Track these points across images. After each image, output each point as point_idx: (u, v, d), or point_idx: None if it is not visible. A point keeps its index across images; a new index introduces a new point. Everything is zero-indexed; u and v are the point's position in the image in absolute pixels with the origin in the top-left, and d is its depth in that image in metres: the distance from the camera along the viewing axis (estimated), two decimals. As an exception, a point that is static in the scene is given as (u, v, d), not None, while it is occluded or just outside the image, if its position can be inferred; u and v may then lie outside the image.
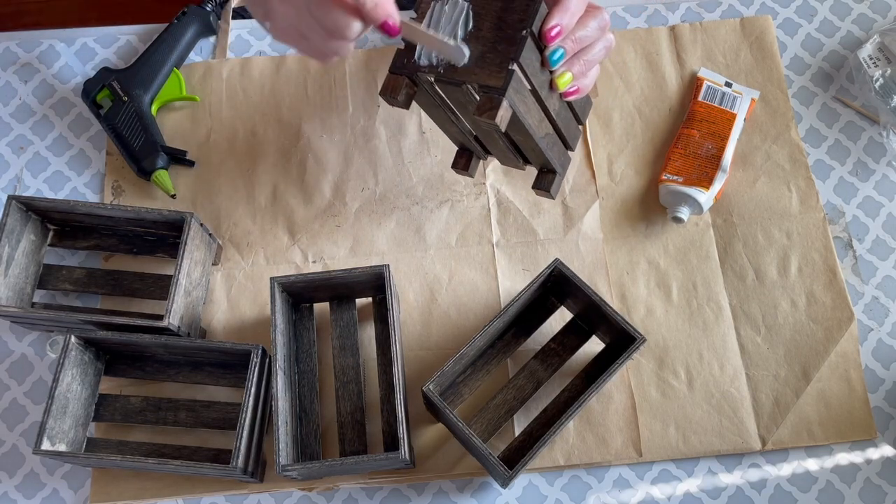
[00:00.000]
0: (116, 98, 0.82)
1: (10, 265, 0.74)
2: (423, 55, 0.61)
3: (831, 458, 0.73)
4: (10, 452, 0.74)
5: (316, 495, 0.73)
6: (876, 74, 0.83)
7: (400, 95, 0.61)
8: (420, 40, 0.60)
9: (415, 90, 0.63)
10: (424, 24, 0.60)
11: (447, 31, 0.60)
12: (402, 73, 0.61)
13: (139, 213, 0.73)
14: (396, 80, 0.62)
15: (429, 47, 0.60)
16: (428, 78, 0.61)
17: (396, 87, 0.61)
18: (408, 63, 0.61)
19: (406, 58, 0.61)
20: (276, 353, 0.68)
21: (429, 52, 0.60)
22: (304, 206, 0.82)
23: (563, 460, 0.73)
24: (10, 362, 0.77)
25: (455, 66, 0.59)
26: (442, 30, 0.60)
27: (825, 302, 0.77)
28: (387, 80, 0.62)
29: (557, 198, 0.81)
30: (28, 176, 0.84)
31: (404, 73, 0.61)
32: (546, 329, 0.75)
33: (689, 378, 0.75)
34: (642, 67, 0.86)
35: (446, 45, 0.58)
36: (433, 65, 0.60)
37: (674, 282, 0.78)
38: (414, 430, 0.74)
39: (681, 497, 0.73)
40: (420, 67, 0.61)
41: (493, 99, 0.58)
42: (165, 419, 0.73)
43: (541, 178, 0.72)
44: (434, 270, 0.79)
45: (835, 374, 0.75)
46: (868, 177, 0.83)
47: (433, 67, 0.60)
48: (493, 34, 0.59)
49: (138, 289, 0.77)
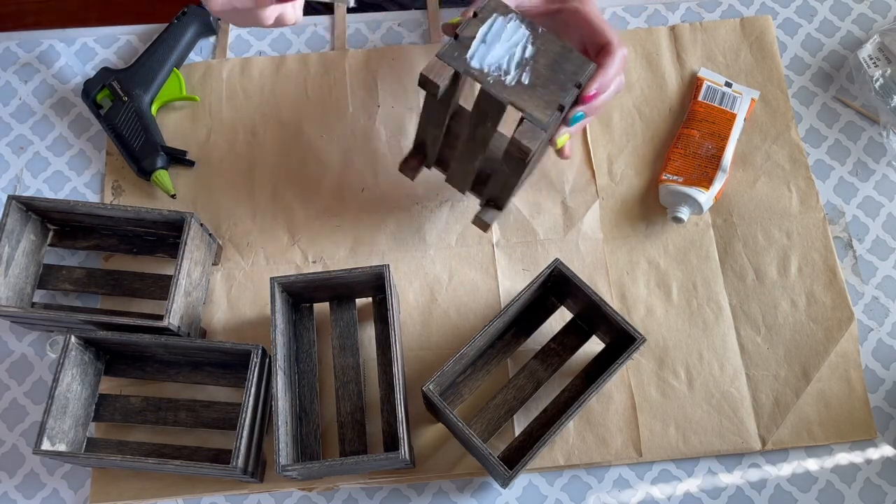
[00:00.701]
0: (116, 98, 0.82)
1: (10, 265, 0.74)
2: (476, 58, 0.63)
3: (831, 458, 0.74)
4: (10, 452, 0.74)
5: (316, 495, 0.73)
6: (876, 74, 0.83)
7: (442, 83, 0.63)
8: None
9: (455, 87, 0.66)
10: (482, 31, 0.64)
11: (504, 49, 0.64)
12: (452, 64, 0.63)
13: (139, 213, 0.73)
14: (443, 68, 0.63)
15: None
16: (474, 82, 0.64)
17: (441, 74, 0.63)
18: (458, 58, 0.63)
19: (458, 51, 0.63)
20: (276, 353, 0.68)
21: (482, 57, 0.63)
22: (304, 206, 0.82)
23: (563, 460, 0.73)
24: (10, 362, 0.77)
25: (504, 83, 0.63)
26: (500, 45, 0.64)
27: (825, 302, 0.77)
28: (432, 64, 0.63)
29: (557, 198, 0.81)
30: (28, 176, 0.84)
31: (453, 65, 0.63)
32: (546, 329, 0.75)
33: (689, 378, 0.75)
34: (642, 67, 0.86)
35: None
36: (483, 71, 0.63)
37: (674, 282, 0.78)
38: (414, 430, 0.74)
39: (681, 497, 0.73)
40: (471, 69, 0.63)
41: (536, 130, 0.62)
42: (165, 419, 0.73)
43: (485, 211, 0.75)
44: (434, 270, 0.79)
45: (835, 374, 0.75)
46: (868, 177, 0.83)
47: (483, 74, 0.63)
48: (548, 72, 0.64)
49: (138, 289, 0.77)
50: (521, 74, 0.63)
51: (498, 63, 0.63)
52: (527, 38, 0.64)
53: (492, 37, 0.64)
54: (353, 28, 0.89)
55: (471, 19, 0.64)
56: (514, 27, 0.64)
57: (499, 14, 0.65)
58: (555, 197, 0.82)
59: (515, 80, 0.63)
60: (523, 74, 0.63)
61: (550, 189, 0.82)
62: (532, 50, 0.64)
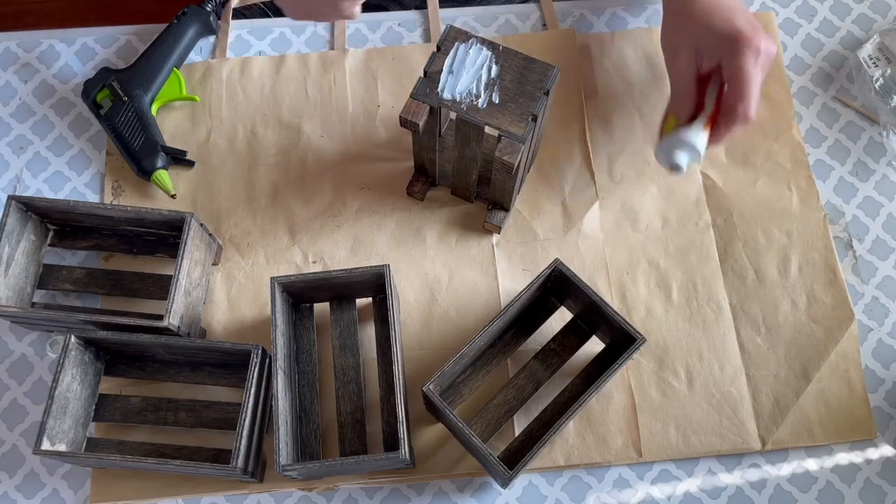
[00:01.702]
0: (116, 98, 0.82)
1: (10, 265, 0.74)
2: (447, 89, 0.67)
3: (831, 458, 0.73)
4: (10, 452, 0.74)
5: (316, 495, 0.73)
6: (876, 74, 0.83)
7: (421, 121, 0.66)
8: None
9: (435, 118, 0.69)
10: (447, 63, 0.67)
11: (471, 74, 0.67)
12: (425, 101, 0.67)
13: (139, 213, 0.73)
14: (418, 107, 0.67)
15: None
16: (450, 114, 0.68)
17: (417, 113, 0.67)
18: (430, 93, 0.67)
19: (429, 87, 0.67)
20: (276, 353, 0.68)
21: (453, 87, 0.67)
22: (304, 206, 0.82)
23: (563, 460, 0.73)
24: (10, 362, 0.77)
25: (477, 107, 0.66)
26: (466, 72, 0.67)
27: (825, 302, 0.77)
28: (408, 105, 0.67)
29: (557, 198, 0.81)
30: (28, 176, 0.84)
31: (427, 101, 0.67)
32: (546, 329, 0.75)
33: (689, 378, 0.75)
34: (642, 67, 0.86)
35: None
36: (456, 101, 0.67)
37: (674, 282, 0.78)
38: (414, 430, 0.74)
39: (681, 497, 0.73)
40: (444, 101, 0.67)
41: (514, 144, 0.66)
42: (165, 419, 0.73)
43: (492, 214, 0.79)
44: (434, 270, 0.79)
45: (835, 374, 0.75)
46: (868, 177, 0.83)
47: (455, 103, 0.67)
48: (515, 87, 0.67)
49: (138, 289, 0.77)
50: (491, 95, 0.67)
51: (467, 89, 0.67)
52: (489, 58, 0.68)
53: (457, 65, 0.67)
54: (353, 28, 0.89)
55: (435, 54, 0.67)
56: (477, 51, 0.68)
57: (459, 42, 0.68)
58: (555, 197, 0.82)
59: (487, 102, 0.66)
60: (493, 94, 0.67)
61: (550, 189, 0.82)
62: (497, 69, 0.67)
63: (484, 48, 0.68)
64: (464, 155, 0.72)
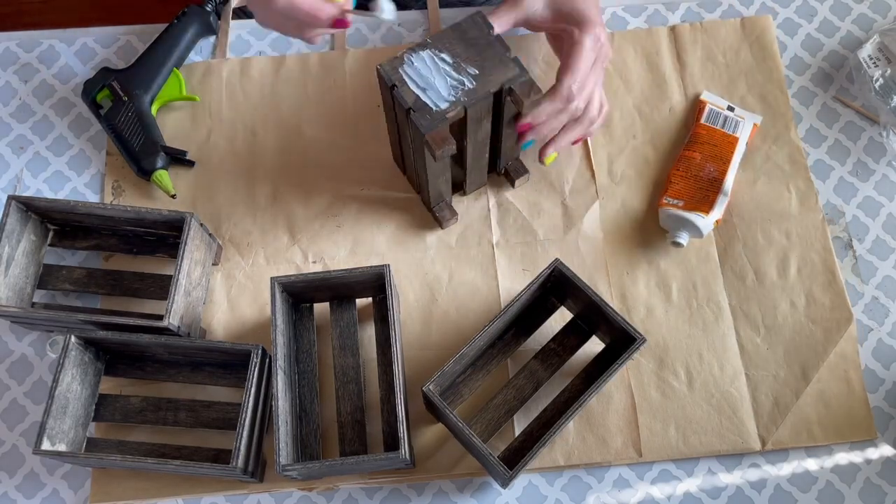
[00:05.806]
0: (116, 98, 0.82)
1: (10, 265, 0.74)
2: (438, 101, 0.66)
3: (831, 458, 0.74)
4: (10, 452, 0.74)
5: (316, 495, 0.73)
6: (876, 74, 0.83)
7: (453, 143, 0.66)
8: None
9: (458, 132, 0.70)
10: (413, 88, 0.66)
11: (441, 76, 0.67)
12: (439, 126, 0.66)
13: (139, 213, 0.73)
14: (439, 133, 0.66)
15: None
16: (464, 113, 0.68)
17: (445, 139, 0.66)
18: (434, 116, 0.66)
19: (427, 114, 0.66)
20: (276, 353, 0.68)
21: (440, 96, 0.66)
22: (304, 206, 0.82)
23: (563, 460, 0.73)
24: (10, 362, 0.77)
25: (471, 89, 0.66)
26: (434, 78, 0.67)
27: (824, 302, 0.77)
28: (432, 140, 0.65)
29: (557, 198, 0.81)
30: (28, 176, 0.84)
31: (440, 125, 0.66)
32: (546, 329, 0.75)
33: (689, 378, 0.75)
34: (642, 67, 0.86)
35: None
36: (455, 101, 0.66)
37: (674, 282, 0.78)
38: (414, 430, 0.74)
39: (681, 497, 0.73)
40: (446, 111, 0.66)
41: (524, 83, 0.67)
42: (165, 419, 0.73)
43: (514, 173, 0.80)
44: (434, 270, 0.79)
45: (834, 374, 0.75)
46: (868, 177, 0.83)
47: (458, 103, 0.66)
48: (478, 55, 0.67)
49: (138, 289, 0.77)
50: (467, 73, 0.67)
51: (448, 88, 0.66)
52: (433, 54, 0.67)
53: (423, 82, 0.67)
54: (353, 28, 0.89)
55: (397, 90, 0.66)
56: (419, 59, 0.67)
57: (399, 67, 0.67)
58: (555, 197, 0.82)
59: (472, 80, 0.66)
60: (468, 71, 0.67)
61: (550, 189, 0.82)
62: (447, 55, 0.67)
63: (419, 52, 0.67)
64: (476, 141, 0.71)
